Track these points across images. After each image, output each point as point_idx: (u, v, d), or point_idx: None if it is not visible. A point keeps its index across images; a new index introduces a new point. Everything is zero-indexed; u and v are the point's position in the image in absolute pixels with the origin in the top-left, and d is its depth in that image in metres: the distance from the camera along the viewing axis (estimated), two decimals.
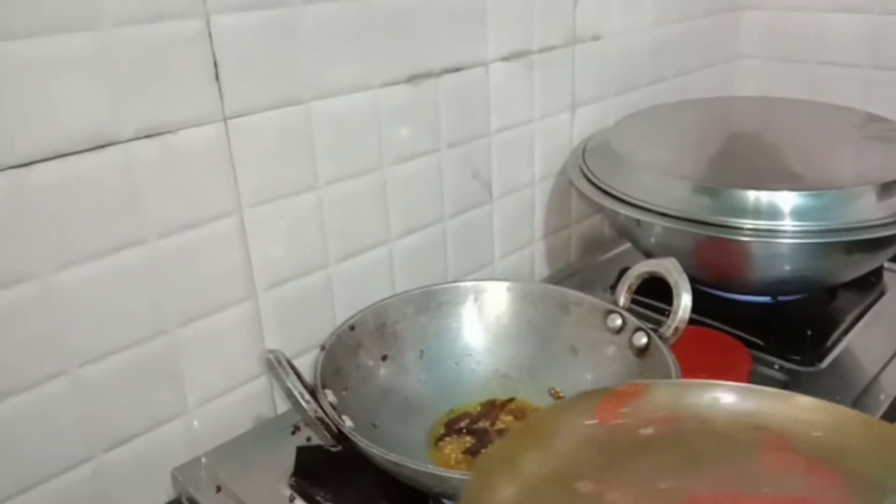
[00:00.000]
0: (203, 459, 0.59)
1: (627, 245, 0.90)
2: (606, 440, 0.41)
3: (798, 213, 0.65)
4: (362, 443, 0.46)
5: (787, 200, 0.65)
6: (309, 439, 0.59)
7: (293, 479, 0.56)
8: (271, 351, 0.49)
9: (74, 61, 0.48)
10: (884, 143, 0.77)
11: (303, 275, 0.64)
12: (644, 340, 0.57)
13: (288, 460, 0.57)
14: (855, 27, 1.00)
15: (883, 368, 0.69)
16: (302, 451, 0.56)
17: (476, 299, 0.65)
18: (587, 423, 0.41)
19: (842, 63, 1.03)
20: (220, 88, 0.54)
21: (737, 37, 1.10)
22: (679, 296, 0.56)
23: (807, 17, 1.04)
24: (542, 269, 0.90)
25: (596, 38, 0.84)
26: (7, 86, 0.45)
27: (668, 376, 0.52)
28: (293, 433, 0.61)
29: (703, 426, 0.34)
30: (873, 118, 0.84)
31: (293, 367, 0.49)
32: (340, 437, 0.48)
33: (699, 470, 0.37)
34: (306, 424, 0.52)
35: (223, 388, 0.61)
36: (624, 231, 0.80)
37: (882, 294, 0.81)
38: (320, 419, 0.47)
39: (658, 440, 0.41)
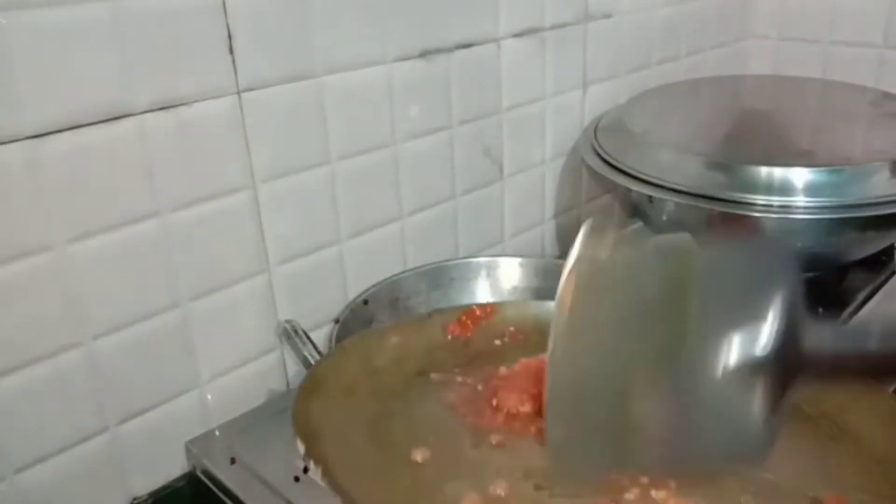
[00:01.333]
0: (217, 432, 0.60)
1: (638, 225, 0.90)
2: (460, 348, 0.50)
3: (811, 189, 0.65)
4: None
5: (799, 176, 0.65)
6: None
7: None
8: (287, 321, 0.50)
9: (89, 32, 0.47)
10: None
11: (315, 250, 0.64)
12: None
13: None
14: (869, 6, 0.99)
15: None
16: None
17: (488, 275, 0.65)
18: (441, 337, 0.50)
19: (855, 42, 1.02)
20: (234, 61, 0.54)
21: (749, 16, 1.09)
22: None
23: None
24: (552, 249, 0.90)
25: (608, 15, 0.84)
26: (22, 56, 0.45)
27: None
28: None
29: (545, 337, 0.36)
30: (887, 96, 0.84)
31: (308, 337, 0.49)
32: None
33: None
34: None
35: (236, 362, 0.62)
36: (636, 209, 0.79)
37: (893, 273, 0.80)
38: None
39: (506, 348, 0.50)
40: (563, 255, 0.89)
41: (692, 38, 0.98)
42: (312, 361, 0.47)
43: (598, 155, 0.76)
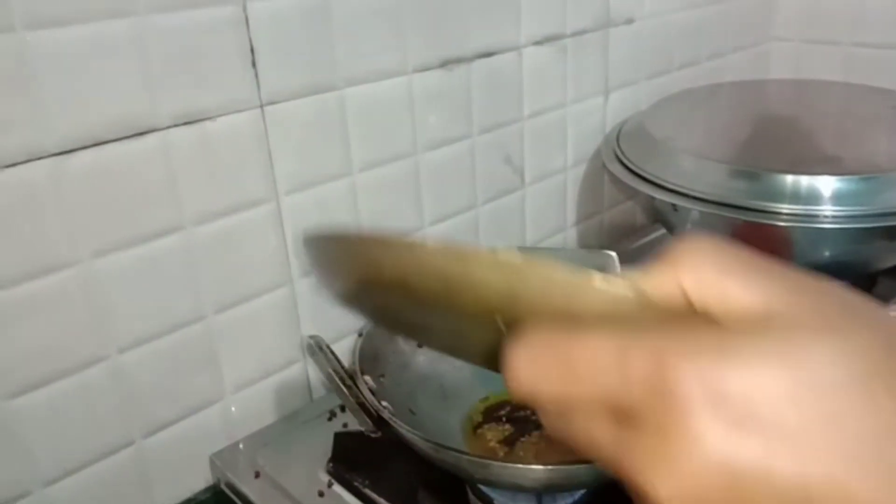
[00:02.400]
0: (241, 445, 0.60)
1: (660, 232, 0.89)
2: None
3: (837, 198, 0.64)
4: (403, 428, 0.46)
5: (826, 185, 0.64)
6: (345, 425, 0.59)
7: (331, 464, 0.56)
8: (312, 337, 0.50)
9: (112, 49, 0.48)
10: None
11: None
12: None
13: (325, 446, 0.57)
14: (893, 7, 0.98)
15: None
16: (339, 437, 0.56)
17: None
18: None
19: (878, 44, 1.00)
20: (256, 75, 0.54)
21: (771, 18, 1.07)
22: None
23: None
24: None
25: (629, 21, 0.83)
26: (46, 74, 0.45)
27: None
28: (329, 419, 0.61)
29: None
30: None
31: (333, 353, 0.49)
32: (380, 422, 0.48)
33: None
34: (343, 410, 0.52)
35: (260, 374, 0.62)
36: (659, 217, 0.79)
37: None
38: (361, 404, 0.47)
39: None
40: None
41: (714, 41, 0.98)
42: (337, 379, 0.46)
43: (621, 162, 0.75)
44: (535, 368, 0.21)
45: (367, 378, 0.51)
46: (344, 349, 0.63)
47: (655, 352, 0.18)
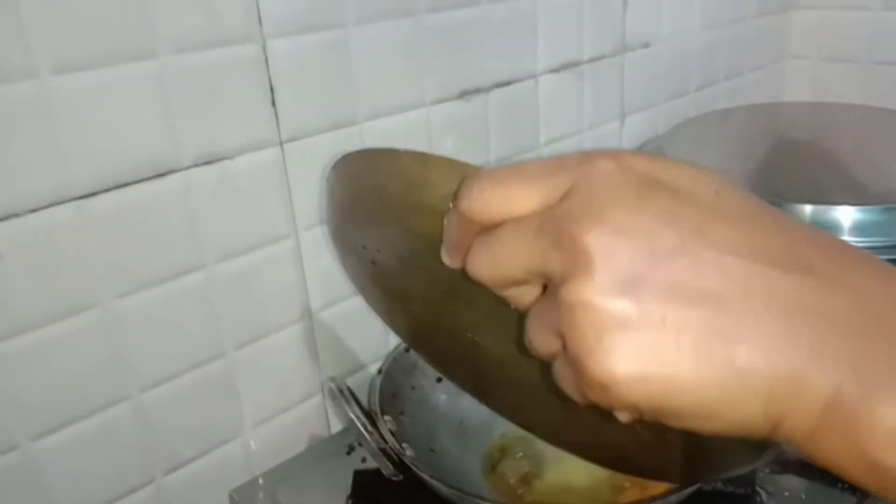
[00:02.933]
0: (260, 480, 0.60)
1: None
2: None
3: (861, 229, 0.63)
4: (425, 473, 0.46)
5: (846, 215, 0.64)
6: (364, 460, 0.59)
7: (350, 501, 0.56)
8: (332, 379, 0.49)
9: (134, 91, 0.48)
10: None
11: (355, 294, 0.64)
12: None
13: (344, 481, 0.57)
14: None
15: None
16: (359, 475, 0.56)
17: None
18: None
19: None
20: (276, 113, 0.54)
21: (787, 36, 1.07)
22: None
23: (861, 15, 1.01)
24: None
25: (646, 45, 0.83)
26: (69, 118, 0.45)
27: None
28: (348, 453, 0.61)
29: None
30: None
31: (354, 395, 0.49)
32: (402, 466, 0.48)
33: None
34: (360, 444, 0.52)
35: (279, 408, 0.62)
36: None
37: None
38: (382, 450, 0.47)
39: None
40: None
41: (730, 61, 0.97)
42: (359, 424, 0.46)
43: None
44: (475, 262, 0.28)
45: (388, 418, 0.51)
46: (359, 383, 0.63)
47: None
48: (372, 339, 0.65)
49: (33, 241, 0.46)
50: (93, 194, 0.48)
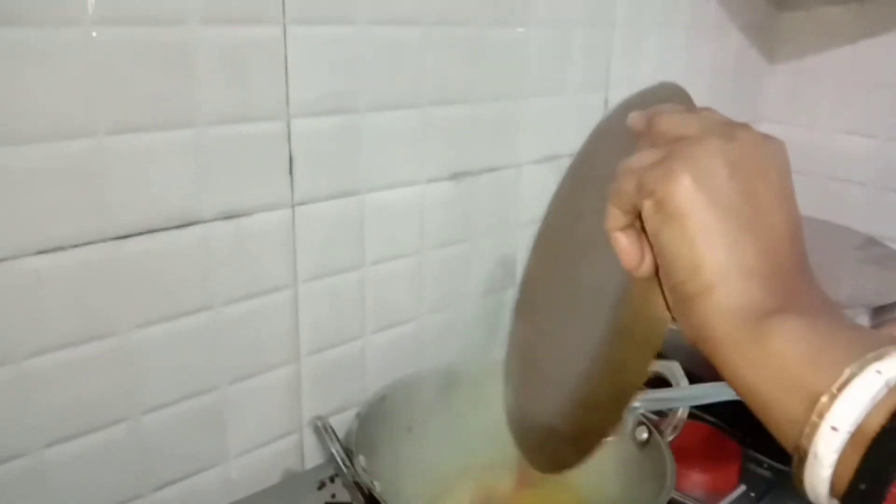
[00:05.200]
0: None
1: None
2: None
3: None
4: None
5: None
6: (333, 496, 0.65)
7: None
8: (318, 418, 0.56)
9: (172, 153, 0.55)
10: (879, 267, 0.84)
11: (341, 343, 0.71)
12: (645, 435, 0.63)
13: None
14: (862, 149, 1.08)
15: None
16: None
17: (498, 376, 0.71)
18: None
19: (849, 180, 1.10)
20: (292, 180, 0.62)
21: None
22: None
23: (819, 135, 1.12)
24: None
25: None
26: (116, 171, 0.53)
27: (664, 471, 0.58)
28: (319, 488, 0.67)
29: None
30: (872, 241, 0.91)
31: (335, 434, 0.56)
32: (371, 499, 0.54)
33: None
34: (332, 481, 0.58)
35: (260, 442, 0.68)
36: None
37: None
38: (356, 482, 0.53)
39: None
40: None
41: None
42: (339, 459, 0.53)
43: None
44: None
45: (362, 457, 0.58)
46: (338, 424, 0.69)
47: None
48: (350, 386, 0.72)
49: (71, 272, 0.53)
50: (127, 236, 0.55)
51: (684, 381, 0.63)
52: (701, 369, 0.77)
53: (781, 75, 1.15)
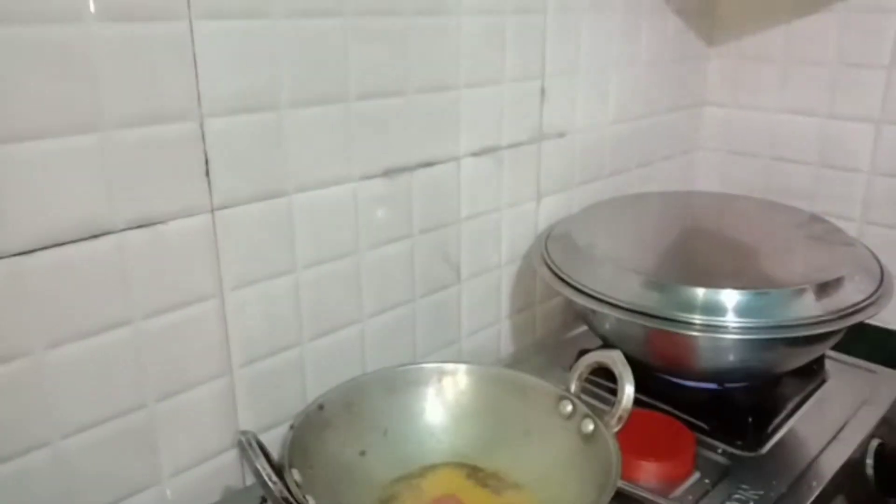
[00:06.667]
0: None
1: (582, 330, 0.95)
2: None
3: (742, 310, 0.70)
4: None
5: (731, 298, 0.71)
6: None
7: None
8: (243, 433, 0.53)
9: (77, 159, 0.52)
10: (823, 244, 0.84)
11: (277, 352, 0.68)
12: (591, 427, 0.61)
13: None
14: (804, 128, 1.08)
15: (818, 455, 0.73)
16: None
17: (439, 380, 0.69)
18: None
19: (793, 160, 1.10)
20: (209, 183, 0.59)
21: (698, 131, 1.17)
22: (623, 387, 0.60)
23: (762, 115, 1.12)
24: (507, 346, 0.94)
25: (561, 134, 0.91)
26: (12, 182, 0.50)
27: (610, 462, 0.57)
28: None
29: None
30: (816, 219, 0.91)
31: (262, 448, 0.53)
32: None
33: None
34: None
35: (196, 460, 0.65)
36: (581, 316, 0.85)
37: (823, 381, 0.86)
38: (285, 499, 0.51)
39: None
40: (518, 352, 0.94)
41: (643, 151, 1.06)
42: (264, 475, 0.50)
43: (547, 265, 0.81)
44: None
45: (295, 471, 0.55)
46: (277, 438, 0.66)
47: None
48: (290, 397, 0.69)
49: None
50: (30, 251, 0.51)
51: (626, 369, 0.61)
52: (646, 358, 0.76)
53: (721, 58, 1.15)
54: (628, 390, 0.60)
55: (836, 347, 0.81)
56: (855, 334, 0.75)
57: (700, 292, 0.71)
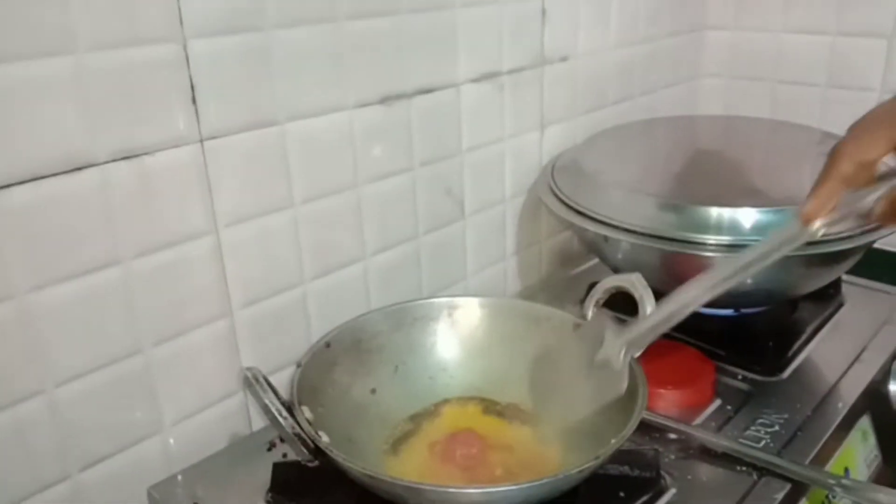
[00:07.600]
0: (179, 477, 0.60)
1: (596, 260, 0.92)
2: None
3: (759, 229, 0.67)
4: (339, 457, 0.47)
5: (747, 217, 0.68)
6: (285, 455, 0.60)
7: (269, 494, 0.56)
8: (249, 368, 0.50)
9: (50, 85, 0.48)
10: None
11: (278, 292, 0.65)
12: None
13: (264, 476, 0.57)
14: (812, 47, 1.04)
15: (841, 377, 0.71)
16: (278, 467, 0.57)
17: (450, 315, 0.66)
18: None
19: (800, 82, 1.06)
20: (196, 111, 0.55)
21: (701, 56, 1.13)
22: (644, 311, 0.58)
23: (766, 37, 1.08)
24: (514, 284, 0.91)
25: (564, 59, 0.86)
26: None
27: (636, 387, 0.54)
28: (269, 450, 0.62)
29: None
30: (829, 136, 0.87)
31: (270, 384, 0.50)
32: (317, 452, 0.49)
33: None
34: (282, 441, 0.53)
35: (199, 406, 0.62)
36: (592, 247, 0.82)
37: (840, 305, 0.84)
38: (297, 435, 0.48)
39: None
40: (525, 289, 0.91)
41: (646, 78, 1.02)
42: (274, 410, 0.47)
43: (555, 195, 0.78)
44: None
45: (305, 409, 0.52)
46: (283, 380, 0.64)
47: None
48: (294, 337, 0.66)
49: None
50: (7, 186, 0.48)
51: (647, 291, 0.58)
52: (661, 284, 0.73)
53: None
54: (650, 313, 0.58)
55: (850, 272, 0.78)
56: (868, 257, 0.72)
57: (717, 212, 0.68)
